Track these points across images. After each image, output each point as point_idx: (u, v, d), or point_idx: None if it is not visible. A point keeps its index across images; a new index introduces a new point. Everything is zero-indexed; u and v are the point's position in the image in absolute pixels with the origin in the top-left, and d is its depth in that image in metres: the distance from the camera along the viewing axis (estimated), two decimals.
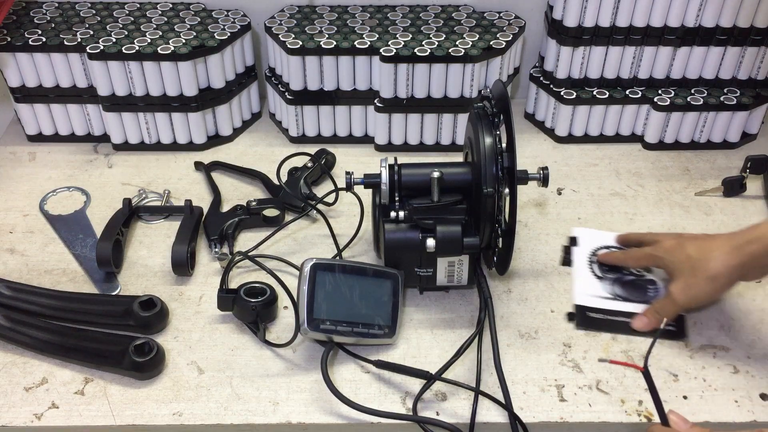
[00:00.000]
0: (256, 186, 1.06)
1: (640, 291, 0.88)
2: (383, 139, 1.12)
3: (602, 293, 0.88)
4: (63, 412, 0.75)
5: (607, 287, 0.88)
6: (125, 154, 1.12)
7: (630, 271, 0.90)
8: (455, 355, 0.79)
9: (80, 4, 1.14)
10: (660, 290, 0.88)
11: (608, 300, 0.87)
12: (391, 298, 0.82)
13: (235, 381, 0.79)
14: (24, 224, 0.99)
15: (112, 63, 1.03)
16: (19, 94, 1.09)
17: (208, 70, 1.07)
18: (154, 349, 0.78)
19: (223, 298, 0.83)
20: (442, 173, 0.82)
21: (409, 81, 1.05)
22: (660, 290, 0.88)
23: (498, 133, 0.80)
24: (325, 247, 0.95)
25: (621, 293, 0.88)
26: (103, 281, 0.90)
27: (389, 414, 0.74)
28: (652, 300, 0.86)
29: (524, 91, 1.25)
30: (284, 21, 1.10)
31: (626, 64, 1.10)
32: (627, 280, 0.89)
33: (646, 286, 0.88)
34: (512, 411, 0.74)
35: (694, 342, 0.83)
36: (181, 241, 0.90)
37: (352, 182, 0.87)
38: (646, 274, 0.89)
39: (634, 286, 0.88)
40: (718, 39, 1.07)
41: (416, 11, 1.14)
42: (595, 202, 1.03)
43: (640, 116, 1.13)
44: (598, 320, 0.85)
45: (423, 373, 0.77)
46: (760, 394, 0.77)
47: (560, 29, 1.08)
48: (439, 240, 0.80)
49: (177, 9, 1.13)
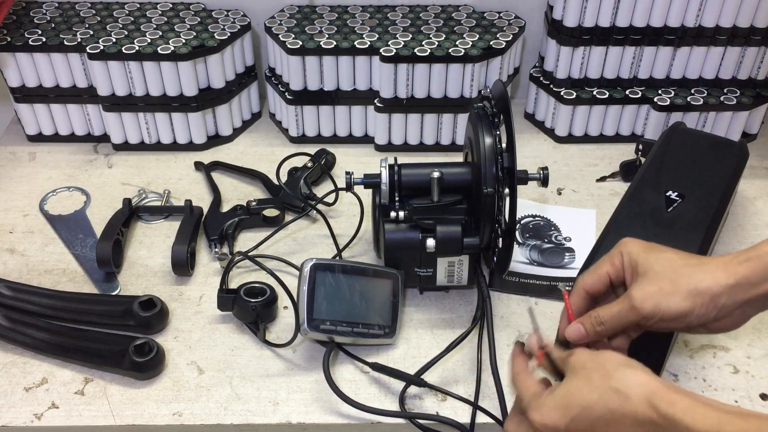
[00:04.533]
0: (256, 186, 1.06)
1: (557, 257, 0.91)
2: (383, 139, 1.13)
3: (520, 258, 0.92)
4: (63, 412, 0.75)
5: (525, 252, 0.92)
6: (125, 154, 1.12)
7: (550, 239, 0.93)
8: (438, 356, 0.79)
9: (80, 4, 1.14)
10: (576, 257, 0.90)
11: (524, 264, 0.91)
12: (391, 298, 0.82)
13: (235, 381, 0.79)
14: (24, 224, 0.99)
15: (112, 63, 1.03)
16: (19, 94, 1.09)
17: (208, 70, 1.07)
18: (154, 349, 0.78)
19: (223, 298, 0.83)
20: (442, 173, 0.82)
21: (409, 81, 1.05)
22: (576, 257, 0.90)
23: (498, 133, 0.80)
24: (325, 247, 0.95)
25: (537, 259, 0.91)
26: (103, 281, 0.90)
27: (392, 413, 0.74)
28: (568, 266, 0.86)
29: (524, 91, 1.25)
30: (284, 21, 1.10)
31: (626, 64, 1.10)
32: (545, 248, 0.92)
33: (564, 254, 0.92)
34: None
35: (694, 342, 0.83)
36: (181, 241, 0.90)
37: (352, 182, 0.87)
38: (565, 242, 0.92)
39: (551, 252, 0.92)
40: (718, 39, 1.07)
41: (416, 11, 1.14)
42: (595, 202, 1.03)
43: (640, 116, 1.13)
44: (512, 283, 0.89)
45: (417, 380, 0.77)
46: (760, 394, 0.77)
47: (560, 29, 1.08)
48: (439, 240, 0.80)
49: (177, 9, 1.13)
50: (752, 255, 0.61)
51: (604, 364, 0.58)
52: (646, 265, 0.63)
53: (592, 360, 0.59)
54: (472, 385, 0.78)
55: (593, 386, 0.57)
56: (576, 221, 0.97)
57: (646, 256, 0.64)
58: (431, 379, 0.78)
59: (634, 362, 0.58)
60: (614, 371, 0.57)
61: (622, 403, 0.55)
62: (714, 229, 0.82)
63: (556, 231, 0.95)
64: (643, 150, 1.04)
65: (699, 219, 0.81)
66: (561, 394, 0.59)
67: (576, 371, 0.60)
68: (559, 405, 0.59)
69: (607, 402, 0.56)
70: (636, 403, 0.55)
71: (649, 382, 0.56)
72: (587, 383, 0.58)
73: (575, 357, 0.61)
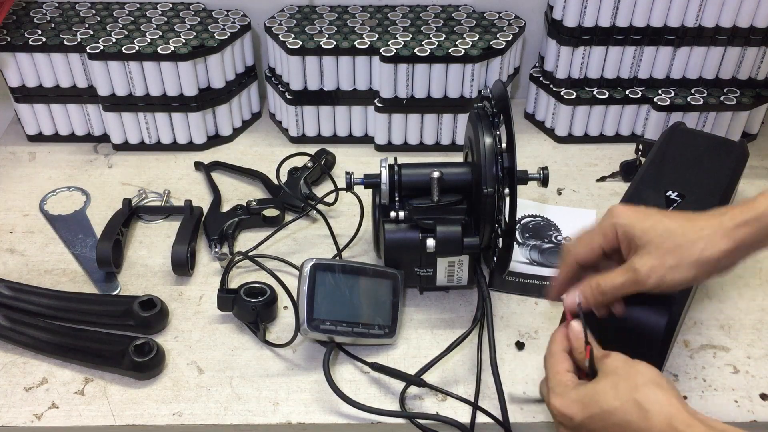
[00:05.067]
0: (256, 186, 1.06)
1: (557, 257, 0.90)
2: (383, 139, 1.12)
3: (520, 258, 0.91)
4: (63, 412, 0.75)
5: (525, 252, 0.92)
6: (125, 154, 1.12)
7: (550, 239, 0.92)
8: (438, 357, 0.79)
9: (80, 4, 1.13)
10: None
11: (524, 264, 0.90)
12: (391, 298, 0.82)
13: (235, 381, 0.79)
14: (24, 224, 0.99)
15: (112, 63, 1.03)
16: (19, 94, 1.09)
17: (208, 70, 1.07)
18: (154, 349, 0.78)
19: (223, 298, 0.83)
20: (442, 173, 0.82)
21: (409, 81, 1.05)
22: None
23: (498, 133, 0.80)
24: (325, 247, 0.95)
25: (537, 259, 0.91)
26: (103, 281, 0.90)
27: (392, 413, 0.74)
28: None
29: (524, 91, 1.25)
30: (284, 21, 1.10)
31: (626, 64, 1.10)
32: (545, 248, 0.91)
33: None
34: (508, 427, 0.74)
35: (694, 342, 0.83)
36: (181, 241, 0.90)
37: (352, 182, 0.87)
38: (565, 242, 0.92)
39: (551, 252, 0.91)
40: (718, 39, 1.07)
41: (416, 11, 1.14)
42: (595, 202, 1.03)
43: (640, 116, 1.13)
44: (512, 283, 0.89)
45: (417, 380, 0.77)
46: (760, 394, 0.77)
47: (560, 29, 1.08)
48: (439, 240, 0.80)
49: (177, 9, 1.13)
50: (749, 218, 0.61)
51: (634, 375, 0.59)
52: (645, 238, 0.63)
53: (625, 368, 0.60)
54: (472, 385, 0.78)
55: (618, 393, 0.58)
56: (576, 221, 0.97)
57: (641, 227, 0.64)
58: (431, 379, 0.78)
59: (665, 382, 0.59)
60: (642, 386, 0.58)
61: (641, 418, 0.56)
62: None
63: (556, 231, 0.95)
64: (643, 150, 1.04)
65: None
66: (586, 391, 0.60)
67: (607, 374, 0.60)
68: (582, 400, 0.60)
69: (627, 412, 0.57)
70: (654, 422, 0.56)
71: (673, 404, 0.57)
72: (613, 389, 0.59)
73: (610, 360, 0.62)
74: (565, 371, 0.64)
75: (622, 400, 0.58)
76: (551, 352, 0.66)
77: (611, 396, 0.58)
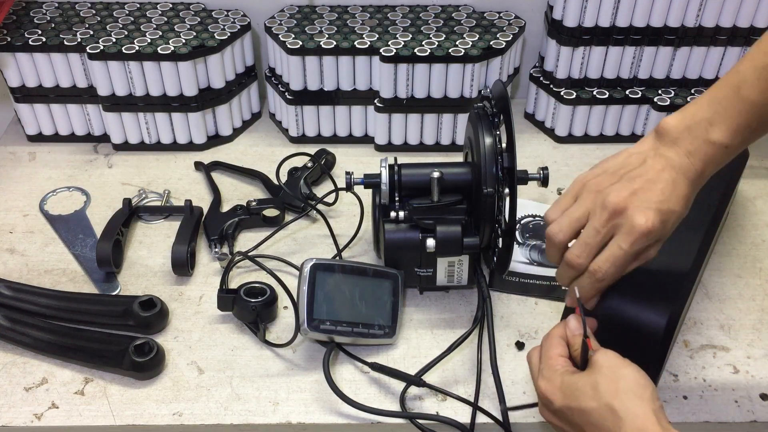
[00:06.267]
0: (256, 186, 1.06)
1: None
2: (383, 139, 1.13)
3: (520, 258, 0.91)
4: (63, 412, 0.75)
5: (525, 252, 0.92)
6: (125, 154, 1.12)
7: None
8: (439, 357, 0.79)
9: (80, 4, 1.14)
10: None
11: (524, 264, 0.90)
12: (391, 298, 0.82)
13: (235, 381, 0.79)
14: (24, 224, 0.99)
15: (112, 63, 1.03)
16: (19, 94, 1.09)
17: (208, 70, 1.07)
18: (154, 349, 0.78)
19: (223, 298, 0.83)
20: (442, 173, 0.82)
21: (409, 81, 1.05)
22: None
23: (498, 133, 0.80)
24: (325, 247, 0.95)
25: (537, 259, 0.91)
26: (103, 281, 0.90)
27: (392, 413, 0.74)
28: None
29: (524, 91, 1.25)
30: (284, 21, 1.10)
31: (626, 64, 1.10)
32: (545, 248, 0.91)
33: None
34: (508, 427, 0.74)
35: (694, 342, 0.83)
36: (181, 241, 0.90)
37: (352, 182, 0.87)
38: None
39: None
40: (718, 39, 1.07)
41: (416, 11, 1.14)
42: None
43: (640, 116, 1.13)
44: (512, 283, 0.89)
45: (417, 380, 0.77)
46: (760, 394, 0.77)
47: (560, 29, 1.08)
48: (439, 240, 0.80)
49: (177, 9, 1.13)
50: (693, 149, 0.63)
51: (617, 380, 0.59)
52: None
53: (611, 369, 0.60)
54: (472, 385, 0.78)
55: (597, 394, 0.59)
56: None
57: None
58: (431, 379, 0.78)
59: (647, 392, 0.59)
60: (622, 392, 0.58)
61: (615, 426, 0.57)
62: (714, 229, 0.82)
63: None
64: None
65: (699, 219, 0.81)
66: (570, 382, 0.61)
67: (593, 370, 0.61)
68: (564, 390, 0.61)
69: (602, 416, 0.58)
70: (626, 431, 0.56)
71: (648, 417, 0.57)
72: (593, 389, 0.59)
73: (601, 355, 0.62)
74: (557, 355, 0.64)
75: (600, 403, 0.58)
76: (550, 335, 0.67)
77: (590, 396, 0.59)
